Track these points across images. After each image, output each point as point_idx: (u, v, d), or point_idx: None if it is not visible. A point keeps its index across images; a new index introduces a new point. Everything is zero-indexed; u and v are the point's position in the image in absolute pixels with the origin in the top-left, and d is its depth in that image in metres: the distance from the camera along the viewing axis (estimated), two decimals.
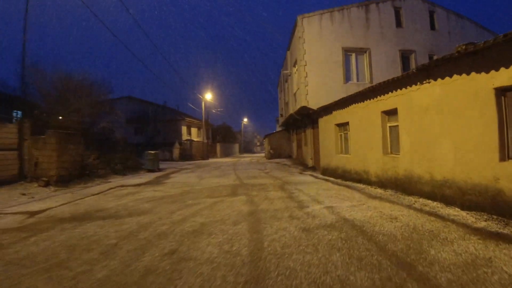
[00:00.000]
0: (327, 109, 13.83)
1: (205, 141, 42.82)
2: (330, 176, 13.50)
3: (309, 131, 19.61)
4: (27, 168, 12.39)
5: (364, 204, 7.33)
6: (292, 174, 15.72)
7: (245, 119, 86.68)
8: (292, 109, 19.81)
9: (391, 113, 9.19)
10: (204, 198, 8.67)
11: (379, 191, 9.15)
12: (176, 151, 37.76)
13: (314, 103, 15.65)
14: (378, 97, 9.67)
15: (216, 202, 7.97)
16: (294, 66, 18.83)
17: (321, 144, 15.17)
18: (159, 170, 20.29)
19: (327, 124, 14.19)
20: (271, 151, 35.20)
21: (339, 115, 12.69)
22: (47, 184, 11.79)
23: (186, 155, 37.95)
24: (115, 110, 20.90)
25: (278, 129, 44.87)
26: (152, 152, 19.89)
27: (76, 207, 8.16)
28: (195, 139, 44.49)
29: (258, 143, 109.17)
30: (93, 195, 10.20)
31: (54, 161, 12.02)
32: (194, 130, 47.17)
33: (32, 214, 7.40)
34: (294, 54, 18.33)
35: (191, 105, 48.42)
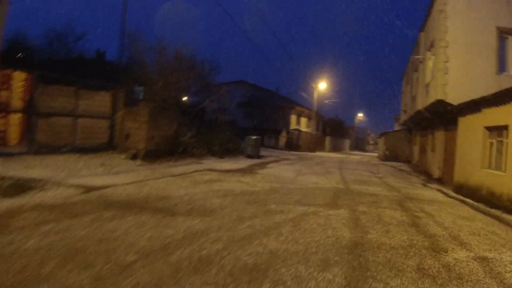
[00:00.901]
0: (473, 106, 10.36)
1: (314, 132, 40.57)
2: (467, 197, 10.12)
3: (439, 134, 15.86)
4: (117, 138, 12.06)
5: None
6: (413, 185, 12.59)
7: (360, 114, 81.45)
8: (422, 104, 16.20)
9: None
10: (292, 204, 6.60)
11: None
12: (282, 140, 36.44)
13: (454, 97, 12.12)
14: None
15: (306, 214, 5.83)
16: (429, 50, 15.21)
17: (458, 152, 11.67)
18: (259, 157, 18.90)
19: (471, 126, 10.71)
20: (386, 152, 31.24)
21: (492, 115, 9.24)
22: (134, 157, 11.20)
23: (292, 145, 36.36)
24: (222, 92, 20.02)
25: (397, 128, 40.23)
26: (253, 137, 18.55)
27: (141, 188, 7.01)
28: (303, 130, 42.53)
29: (371, 142, 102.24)
30: (172, 176, 9.09)
31: (144, 134, 11.39)
32: (303, 120, 45.22)
33: (88, 190, 6.43)
34: (431, 34, 14.71)
35: (303, 94, 46.54)
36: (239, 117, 43.45)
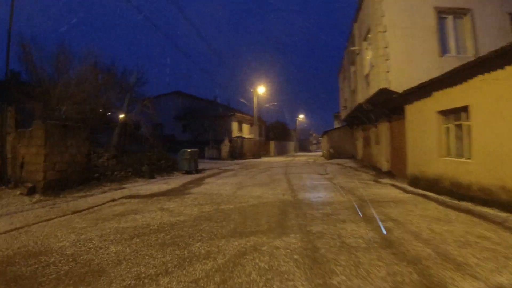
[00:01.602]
0: (422, 90, 9.39)
1: (257, 138, 39.29)
2: (427, 190, 9.08)
3: (383, 125, 15.08)
4: (10, 170, 9.51)
5: None
6: (366, 183, 11.41)
7: (301, 116, 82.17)
8: (363, 96, 15.32)
9: None
10: (225, 238, 4.79)
11: None
12: (225, 149, 34.62)
13: (397, 85, 11.20)
14: None
15: (243, 254, 4.06)
16: (365, 39, 14.38)
17: (409, 143, 10.69)
18: (197, 171, 16.94)
19: (421, 112, 9.74)
20: (330, 150, 30.69)
21: (446, 97, 8.26)
22: (32, 192, 8.81)
23: (236, 153, 34.70)
24: (146, 103, 17.77)
25: (337, 125, 40.36)
26: (189, 150, 16.54)
27: (14, 240, 4.95)
28: (246, 136, 41.18)
29: (314, 141, 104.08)
30: (74, 213, 6.93)
31: (42, 161, 8.96)
32: (245, 127, 43.91)
33: None
34: (366, 23, 13.87)
35: (242, 100, 45.36)
36: (177, 131, 41.21)
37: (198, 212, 6.66)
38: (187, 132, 40.61)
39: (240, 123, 42.51)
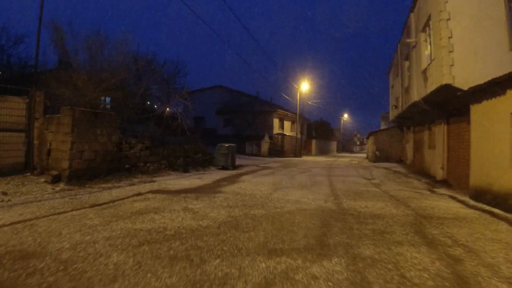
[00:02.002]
0: (494, 87, 7.92)
1: (299, 136, 38.14)
2: (494, 206, 7.66)
3: (439, 128, 13.50)
4: (37, 156, 9.25)
5: None
6: (419, 192, 10.06)
7: (345, 115, 79.61)
8: (418, 94, 13.81)
9: None
10: (251, 255, 3.89)
11: None
12: (265, 146, 33.86)
13: (462, 81, 9.78)
14: None
15: (269, 285, 3.09)
16: (424, 30, 12.89)
17: (474, 148, 9.20)
18: (234, 167, 16.27)
19: (491, 113, 8.28)
20: (376, 152, 28.89)
21: None
22: (56, 180, 8.49)
23: (276, 151, 33.83)
24: (184, 94, 17.22)
25: (384, 127, 38.34)
26: (226, 145, 15.90)
27: (13, 236, 4.38)
28: (287, 134, 40.16)
29: (358, 142, 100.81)
30: (92, 206, 6.40)
31: (68, 149, 8.59)
32: (287, 124, 42.82)
33: None
34: (425, 11, 12.35)
35: (285, 96, 44.36)
36: (219, 125, 41.10)
37: (225, 216, 5.84)
38: (228, 126, 40.35)
39: (281, 120, 41.52)
